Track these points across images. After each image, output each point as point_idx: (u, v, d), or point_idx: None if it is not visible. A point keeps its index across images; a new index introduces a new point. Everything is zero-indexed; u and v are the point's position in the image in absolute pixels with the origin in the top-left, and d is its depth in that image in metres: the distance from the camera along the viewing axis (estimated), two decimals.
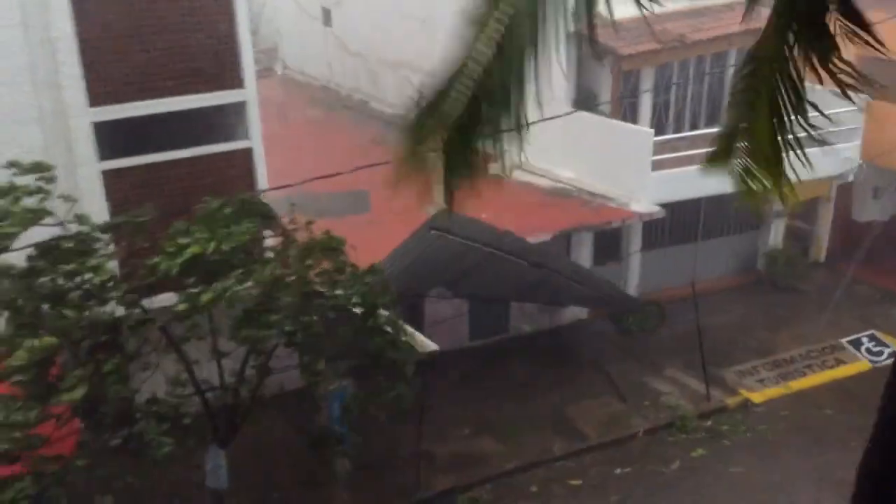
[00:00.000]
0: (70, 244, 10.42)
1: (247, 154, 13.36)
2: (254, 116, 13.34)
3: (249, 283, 10.68)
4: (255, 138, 13.36)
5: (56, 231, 10.30)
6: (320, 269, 11.60)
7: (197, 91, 12.79)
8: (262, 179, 13.59)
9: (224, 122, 13.38)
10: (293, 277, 11.13)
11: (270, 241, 12.24)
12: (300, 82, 26.86)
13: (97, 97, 12.20)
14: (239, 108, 13.23)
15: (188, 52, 12.62)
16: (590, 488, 14.32)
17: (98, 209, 12.07)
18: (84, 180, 12.25)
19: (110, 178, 12.55)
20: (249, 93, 13.25)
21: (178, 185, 13.13)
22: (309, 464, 13.69)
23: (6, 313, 10.10)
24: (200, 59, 12.71)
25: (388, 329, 11.57)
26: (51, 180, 10.36)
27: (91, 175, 12.34)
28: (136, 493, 10.83)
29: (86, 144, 12.17)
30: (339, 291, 11.44)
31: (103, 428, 10.68)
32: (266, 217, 11.56)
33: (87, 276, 10.38)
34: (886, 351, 17.66)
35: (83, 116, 12.05)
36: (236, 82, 13.05)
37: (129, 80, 12.36)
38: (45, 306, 10.14)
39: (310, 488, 13.87)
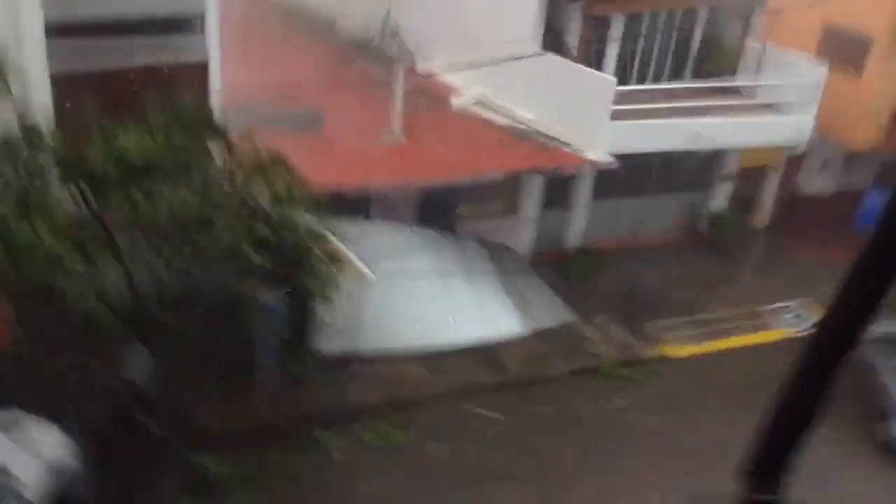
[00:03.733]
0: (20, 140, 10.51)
1: (203, 66, 13.26)
2: (213, 27, 13.19)
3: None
4: (213, 50, 13.25)
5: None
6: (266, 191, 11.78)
7: None
8: (216, 89, 13.53)
9: (182, 31, 13.21)
10: (230, 192, 11.29)
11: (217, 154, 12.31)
12: None
13: None
14: (198, 18, 13.06)
15: None
16: (510, 422, 14.94)
17: (44, 112, 11.99)
18: (32, 81, 12.06)
19: (60, 81, 12.37)
20: (210, 1, 13.07)
21: (132, 93, 12.98)
22: (234, 371, 14.04)
23: None
24: None
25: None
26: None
27: (39, 76, 12.15)
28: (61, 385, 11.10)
29: (36, 44, 11.93)
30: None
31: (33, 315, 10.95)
32: (212, 129, 11.57)
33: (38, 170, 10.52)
34: (810, 321, 18.35)
35: (35, 14, 11.79)
36: None
37: None
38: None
39: (235, 394, 14.17)
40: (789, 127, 19.36)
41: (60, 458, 11.29)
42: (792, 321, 18.56)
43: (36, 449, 11.01)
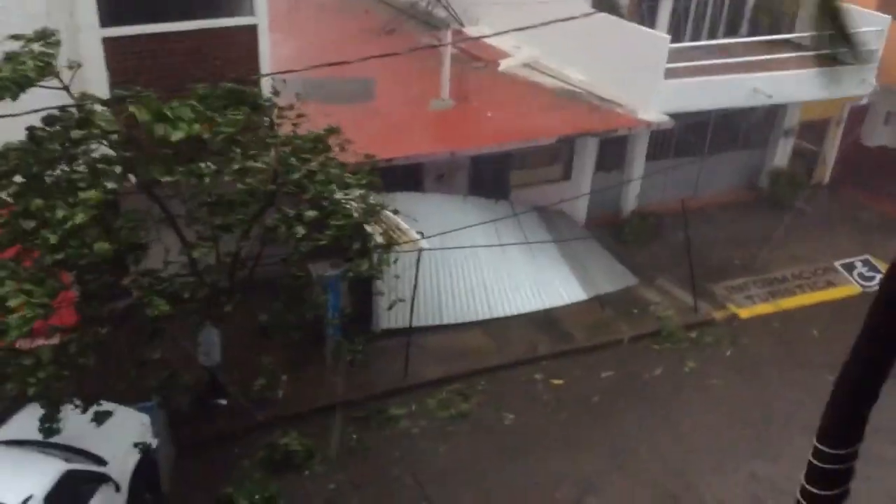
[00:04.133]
0: (75, 114, 10.33)
1: (251, 31, 13.06)
2: None
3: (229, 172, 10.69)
4: (260, 15, 13.04)
5: (58, 100, 10.16)
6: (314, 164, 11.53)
7: None
8: (266, 58, 13.36)
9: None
10: (268, 168, 11.03)
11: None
12: None
13: None
14: None
15: None
16: (574, 388, 14.63)
17: (98, 78, 11.90)
18: (85, 48, 11.99)
19: (112, 46, 12.31)
20: None
21: (180, 60, 12.89)
22: (298, 346, 13.96)
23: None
24: None
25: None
26: (55, 44, 10.16)
27: (92, 42, 12.09)
28: (134, 364, 11.03)
29: (88, 9, 11.87)
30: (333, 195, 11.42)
31: (99, 298, 10.85)
32: (256, 107, 11.32)
33: (94, 144, 10.34)
34: (878, 276, 17.75)
35: None
36: None
37: None
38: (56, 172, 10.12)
39: (299, 369, 14.17)
40: (851, 78, 18.63)
41: (140, 440, 11.39)
42: (860, 277, 17.96)
43: (117, 432, 11.06)
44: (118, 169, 10.38)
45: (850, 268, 18.24)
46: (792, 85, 18.06)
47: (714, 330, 16.29)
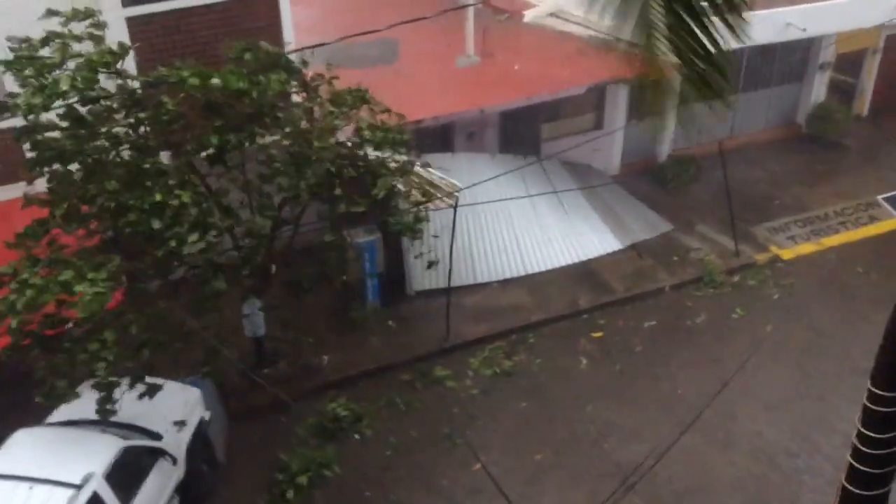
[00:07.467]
0: (122, 96, 10.41)
1: (272, 0, 12.99)
2: None
3: (276, 137, 10.70)
4: None
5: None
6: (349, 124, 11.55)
7: None
8: (288, 27, 13.29)
9: None
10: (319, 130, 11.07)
11: (295, 95, 12.09)
12: None
13: None
14: None
15: None
16: (616, 339, 14.58)
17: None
18: (109, 28, 11.98)
19: (135, 25, 12.33)
20: None
21: (203, 34, 12.88)
22: (341, 313, 14.08)
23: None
24: None
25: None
26: (101, 26, 10.21)
27: (116, 22, 12.08)
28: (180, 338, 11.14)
29: None
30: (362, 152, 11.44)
31: (145, 275, 10.99)
32: (289, 70, 11.29)
33: (141, 129, 10.45)
34: None
35: None
36: None
37: None
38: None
39: (342, 333, 14.29)
40: (885, 4, 18.03)
41: (193, 413, 11.59)
42: None
43: (170, 407, 11.26)
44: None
45: (893, 201, 17.83)
46: (824, 16, 17.53)
47: (757, 273, 16.07)
